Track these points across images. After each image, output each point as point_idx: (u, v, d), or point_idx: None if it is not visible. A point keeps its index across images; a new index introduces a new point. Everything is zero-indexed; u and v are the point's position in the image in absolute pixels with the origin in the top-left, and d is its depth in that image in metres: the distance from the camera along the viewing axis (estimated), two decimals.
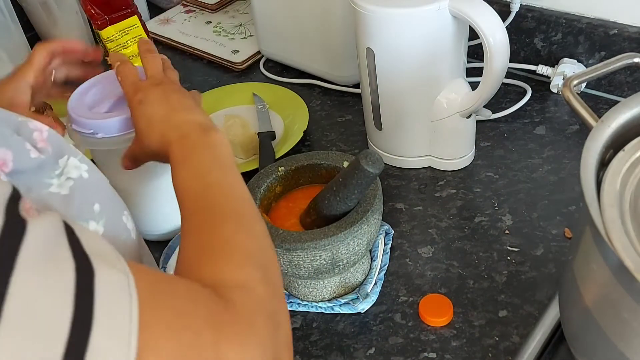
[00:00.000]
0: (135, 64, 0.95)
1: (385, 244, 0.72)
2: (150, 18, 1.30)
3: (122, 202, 0.49)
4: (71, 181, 0.42)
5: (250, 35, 1.18)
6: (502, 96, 0.92)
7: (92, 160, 0.47)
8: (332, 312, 0.67)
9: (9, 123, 0.42)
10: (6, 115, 0.43)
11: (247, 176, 0.74)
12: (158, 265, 0.74)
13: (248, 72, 1.11)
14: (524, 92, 0.92)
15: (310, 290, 0.67)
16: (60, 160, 0.43)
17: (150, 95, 0.58)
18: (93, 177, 0.45)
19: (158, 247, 0.78)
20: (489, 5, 0.67)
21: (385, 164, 0.85)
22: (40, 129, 0.43)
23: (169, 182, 0.51)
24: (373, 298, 0.67)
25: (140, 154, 0.59)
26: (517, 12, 0.91)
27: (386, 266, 0.70)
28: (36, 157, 0.40)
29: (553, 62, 0.92)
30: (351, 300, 0.66)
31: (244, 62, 1.12)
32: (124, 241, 0.45)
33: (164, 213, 0.75)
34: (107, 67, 0.86)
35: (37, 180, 0.40)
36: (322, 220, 0.62)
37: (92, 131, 0.63)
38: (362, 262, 0.68)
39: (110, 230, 0.43)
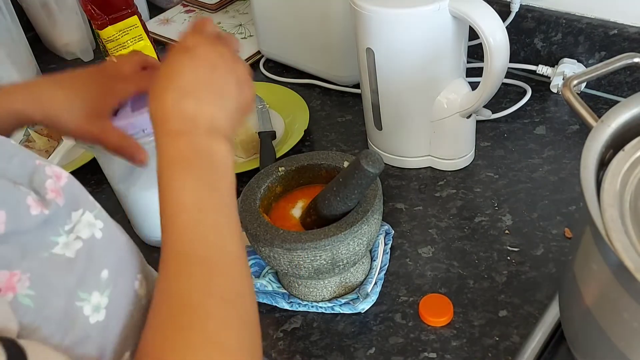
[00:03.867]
0: None
1: (385, 244, 0.72)
2: (150, 18, 1.30)
3: (138, 259, 0.45)
4: (80, 242, 0.39)
5: (250, 35, 1.18)
6: (502, 96, 0.92)
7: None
8: (332, 312, 0.67)
9: (23, 166, 0.39)
10: (24, 157, 0.40)
11: (248, 176, 0.74)
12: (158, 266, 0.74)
13: None
14: (524, 92, 0.92)
15: (311, 290, 0.67)
16: (74, 213, 0.40)
17: (201, 49, 0.48)
18: (107, 236, 0.41)
19: (158, 246, 0.78)
20: (489, 6, 0.67)
21: (385, 164, 0.85)
22: (58, 175, 0.40)
23: None
24: (373, 298, 0.67)
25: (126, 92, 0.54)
26: (517, 12, 0.91)
27: (386, 266, 0.70)
28: (37, 214, 0.37)
29: (553, 62, 0.92)
30: (351, 300, 0.66)
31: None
32: (130, 312, 0.42)
33: None
34: None
35: (39, 240, 0.37)
36: (323, 220, 0.62)
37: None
38: (362, 262, 0.68)
39: (116, 301, 0.40)
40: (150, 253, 0.58)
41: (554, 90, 0.91)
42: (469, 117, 0.77)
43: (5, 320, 0.33)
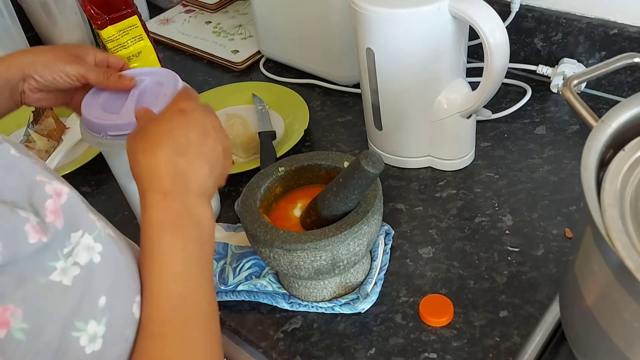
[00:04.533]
0: (135, 64, 0.95)
1: (385, 244, 0.72)
2: (150, 18, 1.30)
3: (138, 282, 0.44)
4: (77, 269, 0.38)
5: (250, 36, 1.18)
6: (502, 96, 0.92)
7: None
8: (333, 312, 0.66)
9: (23, 180, 0.38)
10: (24, 169, 0.39)
11: (248, 176, 0.74)
12: None
13: (248, 72, 1.11)
14: (524, 92, 0.92)
15: (311, 290, 0.67)
16: (74, 234, 0.39)
17: (195, 114, 0.50)
18: (106, 260, 0.41)
19: None
20: (489, 5, 0.67)
21: (385, 164, 0.85)
22: (59, 193, 0.39)
23: None
24: (373, 298, 0.67)
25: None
26: (517, 12, 0.91)
27: (386, 266, 0.70)
28: (35, 242, 0.36)
29: (553, 62, 0.92)
30: (351, 300, 0.66)
31: (244, 62, 1.12)
32: (126, 337, 0.42)
33: None
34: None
35: (36, 266, 0.36)
36: (323, 220, 0.62)
37: (102, 134, 0.64)
38: (363, 263, 0.68)
39: (113, 327, 0.40)
40: None
41: (554, 90, 0.91)
42: (469, 117, 0.77)
43: None
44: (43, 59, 0.62)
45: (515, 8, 0.90)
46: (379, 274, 0.69)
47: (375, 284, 0.68)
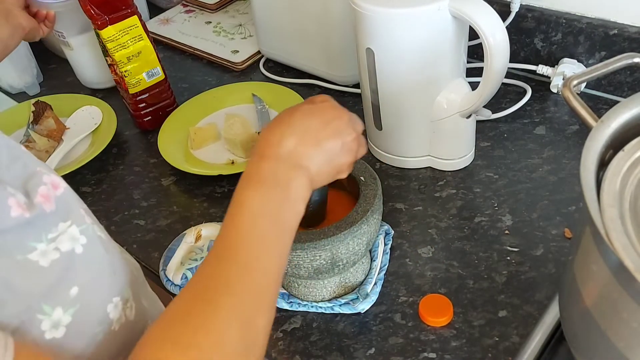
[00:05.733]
0: (135, 64, 0.95)
1: (385, 244, 0.72)
2: (150, 18, 1.30)
3: (122, 282, 0.45)
4: (57, 254, 0.39)
5: (250, 35, 1.18)
6: (502, 96, 0.92)
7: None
8: (332, 312, 0.67)
9: (24, 169, 0.39)
10: (29, 161, 0.40)
11: None
12: (158, 267, 0.74)
13: (248, 72, 1.11)
14: (524, 92, 0.92)
15: (310, 290, 0.67)
16: (62, 224, 0.40)
17: (323, 105, 0.52)
18: (88, 253, 0.41)
19: (159, 247, 0.78)
20: (489, 5, 0.67)
21: (385, 164, 0.85)
22: (55, 185, 0.40)
23: None
24: (373, 298, 0.67)
25: None
26: (517, 12, 0.91)
27: (386, 266, 0.70)
28: (17, 215, 0.36)
29: (553, 62, 0.92)
30: (351, 300, 0.66)
31: (244, 62, 1.12)
32: (94, 335, 0.42)
33: None
34: None
35: (17, 242, 0.37)
36: (307, 218, 0.61)
37: None
38: (362, 262, 0.68)
39: (81, 320, 0.40)
40: None
41: (554, 90, 0.91)
42: (469, 117, 0.77)
43: None
44: None
45: (515, 8, 0.90)
46: (378, 274, 0.69)
47: (375, 284, 0.68)
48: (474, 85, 0.75)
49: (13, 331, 0.36)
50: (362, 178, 0.64)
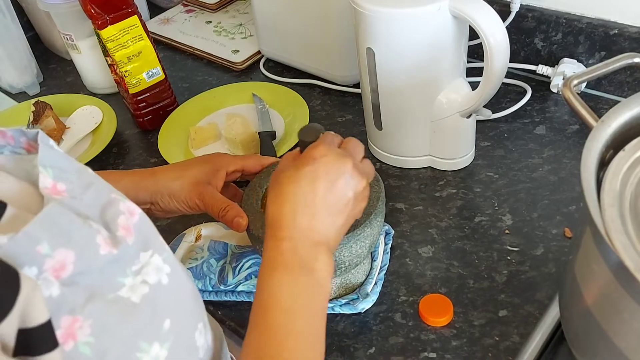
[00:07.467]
0: (135, 64, 0.95)
1: (385, 244, 0.72)
2: (150, 18, 1.30)
3: (201, 307, 0.44)
4: (146, 287, 0.37)
5: (251, 35, 1.18)
6: (502, 96, 0.92)
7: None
8: (333, 312, 0.67)
9: (97, 196, 0.38)
10: (100, 187, 0.39)
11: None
12: None
13: (248, 71, 1.11)
14: (524, 92, 0.92)
15: None
16: (143, 254, 0.38)
17: (326, 160, 0.50)
18: (173, 283, 0.40)
19: None
20: (489, 5, 0.67)
21: (385, 163, 0.85)
22: (131, 212, 0.39)
23: None
24: (373, 298, 0.67)
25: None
26: (517, 12, 0.91)
27: (386, 266, 0.70)
28: (106, 253, 0.35)
29: (553, 62, 0.92)
30: (351, 300, 0.66)
31: (244, 61, 1.12)
32: None
33: None
34: None
35: (106, 281, 0.35)
36: None
37: None
38: (363, 263, 0.68)
39: (175, 354, 0.39)
40: None
41: (554, 90, 0.91)
42: (469, 117, 0.77)
43: None
44: (171, 189, 0.62)
45: (515, 8, 0.90)
46: (379, 273, 0.69)
47: (376, 283, 0.68)
48: (474, 85, 0.75)
49: None
50: None
